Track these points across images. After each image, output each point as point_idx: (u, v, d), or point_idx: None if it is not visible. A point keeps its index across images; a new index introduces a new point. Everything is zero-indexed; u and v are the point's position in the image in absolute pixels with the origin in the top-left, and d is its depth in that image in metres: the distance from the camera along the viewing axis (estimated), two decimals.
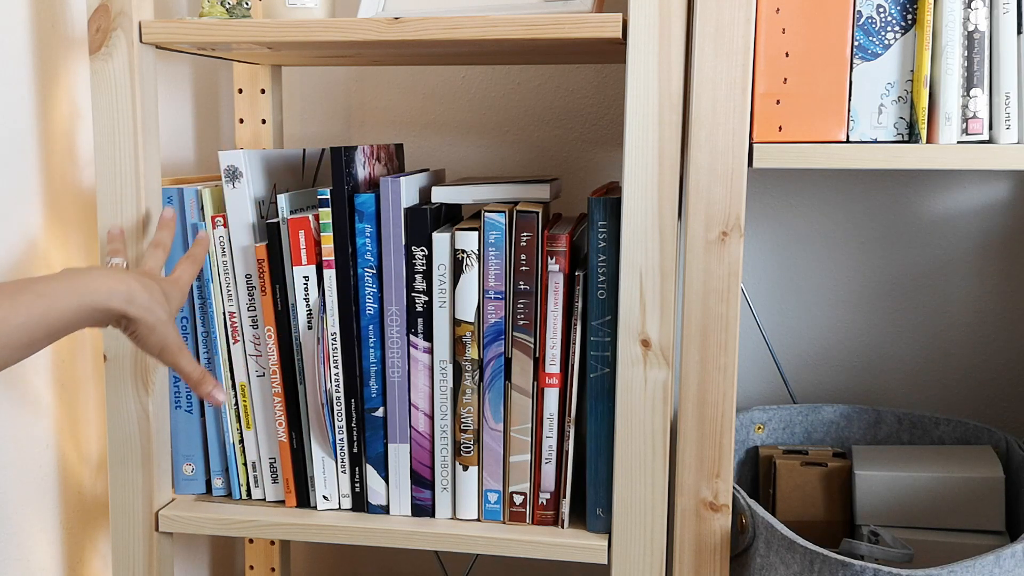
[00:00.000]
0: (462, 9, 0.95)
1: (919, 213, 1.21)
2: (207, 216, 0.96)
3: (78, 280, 0.74)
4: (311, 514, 0.97)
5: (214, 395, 0.86)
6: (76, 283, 0.74)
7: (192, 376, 0.84)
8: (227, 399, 0.85)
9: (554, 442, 0.93)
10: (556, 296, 0.91)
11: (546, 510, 0.95)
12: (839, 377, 1.25)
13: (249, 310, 0.96)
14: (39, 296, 0.71)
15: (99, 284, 0.75)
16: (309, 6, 0.94)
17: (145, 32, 0.91)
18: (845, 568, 0.81)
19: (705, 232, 0.85)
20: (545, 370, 0.92)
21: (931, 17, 0.82)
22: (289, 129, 1.32)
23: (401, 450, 0.96)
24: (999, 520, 0.97)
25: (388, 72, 1.29)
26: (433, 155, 1.30)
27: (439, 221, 0.95)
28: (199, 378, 0.85)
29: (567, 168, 1.27)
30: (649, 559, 0.91)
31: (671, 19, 0.84)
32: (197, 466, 1.01)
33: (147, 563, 0.97)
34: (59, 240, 1.03)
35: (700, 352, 0.87)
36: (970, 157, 0.82)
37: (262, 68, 1.21)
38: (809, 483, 1.03)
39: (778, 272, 1.24)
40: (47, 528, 1.02)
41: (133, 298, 0.77)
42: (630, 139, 0.86)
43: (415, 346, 0.94)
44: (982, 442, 1.05)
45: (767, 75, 0.85)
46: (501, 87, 1.27)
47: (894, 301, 1.23)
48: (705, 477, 0.88)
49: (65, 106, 1.03)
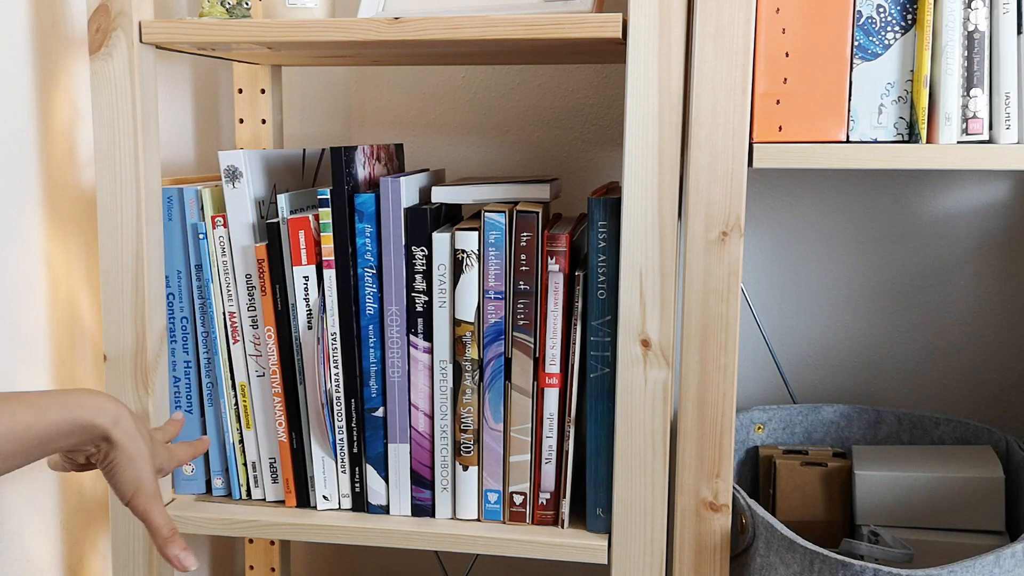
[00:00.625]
0: (462, 9, 0.95)
1: (919, 213, 1.21)
2: (207, 216, 0.96)
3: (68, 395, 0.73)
4: (311, 514, 0.97)
5: (181, 559, 0.77)
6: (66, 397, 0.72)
7: (161, 531, 0.77)
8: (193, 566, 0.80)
9: (554, 442, 0.93)
10: (556, 296, 0.91)
11: (546, 510, 0.95)
12: (839, 377, 1.25)
13: (249, 310, 0.96)
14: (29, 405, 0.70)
15: (88, 400, 0.73)
16: (309, 6, 0.94)
17: (145, 32, 0.91)
18: (845, 568, 0.81)
19: (705, 232, 0.85)
20: (545, 370, 0.92)
21: (931, 17, 0.82)
22: (289, 129, 1.32)
23: (401, 450, 0.96)
24: (999, 520, 0.97)
25: (388, 72, 1.29)
26: (433, 155, 1.30)
27: (439, 221, 0.95)
28: (168, 535, 0.77)
29: (567, 168, 1.27)
30: (649, 559, 0.91)
31: (671, 19, 0.84)
32: (197, 466, 1.01)
33: (147, 563, 0.97)
34: (59, 240, 1.03)
35: (700, 352, 0.87)
36: (970, 157, 0.82)
37: (262, 68, 1.21)
38: (809, 483, 1.03)
39: (778, 272, 1.24)
40: (47, 528, 1.02)
41: (119, 420, 0.74)
42: (630, 139, 0.86)
43: (415, 346, 0.94)
44: (982, 442, 1.05)
45: (767, 75, 0.85)
46: (501, 87, 1.27)
47: (894, 301, 1.23)
48: (705, 477, 0.88)
49: (65, 106, 1.03)
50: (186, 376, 0.99)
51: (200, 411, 1.00)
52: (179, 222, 0.97)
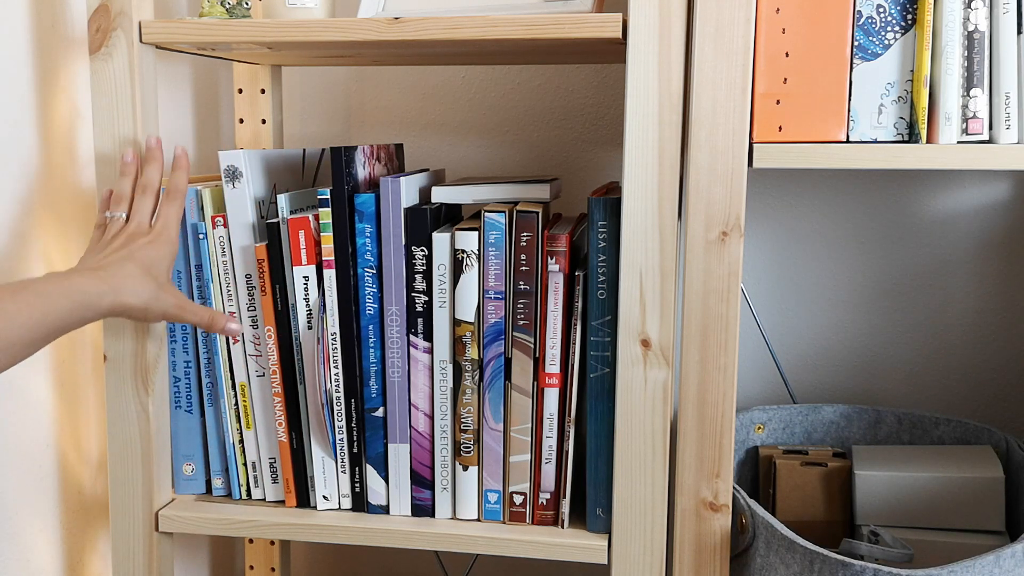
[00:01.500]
0: (462, 9, 0.95)
1: (919, 213, 1.21)
2: (207, 216, 0.96)
3: (68, 280, 0.77)
4: (311, 514, 0.97)
5: (230, 328, 0.91)
6: (67, 284, 0.77)
7: (201, 324, 0.90)
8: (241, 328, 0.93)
9: (554, 442, 0.93)
10: (556, 296, 0.91)
11: (546, 510, 0.95)
12: (839, 377, 1.25)
13: (249, 310, 0.96)
14: (38, 295, 0.73)
15: (87, 285, 0.78)
16: (309, 6, 0.94)
17: (145, 32, 0.91)
18: (845, 568, 0.81)
19: (705, 232, 0.85)
20: (545, 370, 0.92)
21: (931, 17, 0.82)
22: (289, 129, 1.32)
23: (401, 450, 0.96)
24: (999, 520, 0.97)
25: (388, 72, 1.29)
26: (433, 155, 1.30)
27: (439, 221, 0.95)
28: (209, 322, 0.90)
29: (567, 168, 1.27)
30: (649, 559, 0.91)
31: (671, 19, 0.84)
32: (197, 466, 1.01)
33: (147, 563, 0.97)
34: (59, 240, 1.03)
35: (700, 352, 0.87)
36: (970, 157, 0.82)
37: (262, 68, 1.21)
38: (809, 483, 1.03)
39: (778, 272, 1.24)
40: (47, 528, 1.02)
41: (119, 291, 0.81)
42: (630, 139, 0.86)
43: (415, 346, 0.94)
44: (982, 442, 1.05)
45: (767, 75, 0.85)
46: (501, 87, 1.27)
47: (894, 301, 1.23)
48: (705, 477, 0.88)
49: (65, 106, 1.03)
50: (186, 376, 0.99)
51: (200, 411, 1.00)
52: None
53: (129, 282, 0.82)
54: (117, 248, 0.86)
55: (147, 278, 0.84)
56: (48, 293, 0.74)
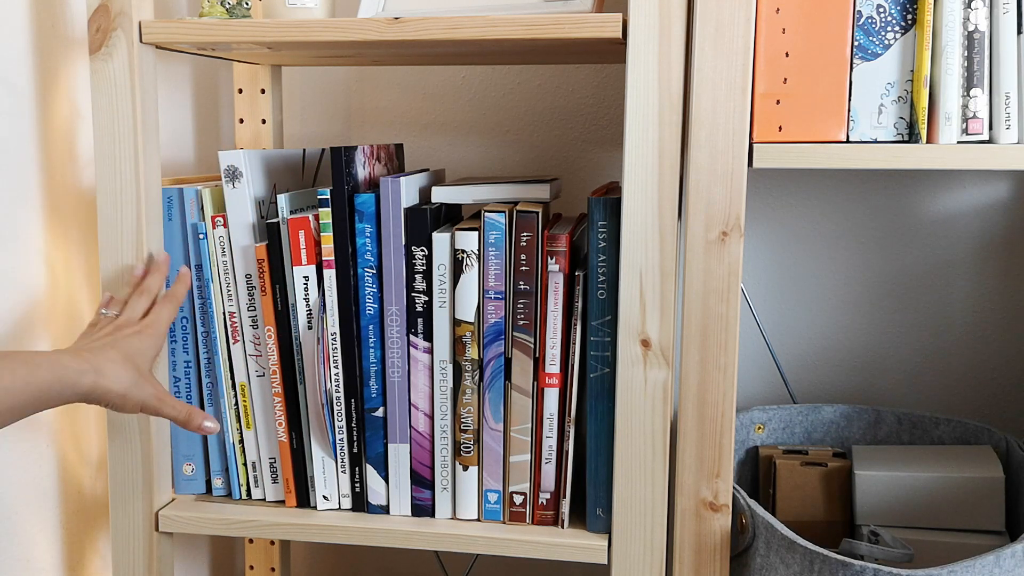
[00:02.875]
0: (462, 9, 0.95)
1: (919, 213, 1.21)
2: (207, 216, 0.96)
3: (53, 354, 0.78)
4: (311, 514, 0.97)
5: (206, 427, 0.88)
6: (52, 356, 0.77)
7: (178, 419, 0.87)
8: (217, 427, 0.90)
9: (554, 442, 0.93)
10: (556, 296, 0.91)
11: (546, 510, 0.95)
12: (839, 377, 1.25)
13: (249, 310, 0.96)
14: (23, 362, 0.75)
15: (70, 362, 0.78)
16: (309, 6, 0.94)
17: (145, 32, 0.91)
18: (845, 568, 0.81)
19: (705, 232, 0.85)
20: (545, 370, 0.92)
21: (931, 17, 0.82)
22: (289, 129, 1.32)
23: (401, 450, 0.96)
24: (999, 520, 0.97)
25: (388, 72, 1.29)
26: (433, 155, 1.30)
27: (439, 221, 0.95)
28: (186, 418, 0.87)
29: (567, 168, 1.27)
30: (649, 559, 0.91)
31: (671, 19, 0.84)
32: (197, 466, 1.01)
33: (147, 563, 0.97)
34: (59, 240, 1.03)
35: (700, 352, 0.87)
36: (970, 157, 0.82)
37: (262, 68, 1.21)
38: (809, 483, 1.03)
39: (778, 272, 1.24)
40: (47, 528, 1.02)
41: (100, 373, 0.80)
42: (630, 139, 0.86)
43: (415, 346, 0.94)
44: (982, 442, 1.05)
45: (767, 75, 0.85)
46: (501, 87, 1.27)
47: (894, 301, 1.23)
48: (705, 477, 0.88)
49: (65, 106, 1.03)
50: (186, 376, 0.99)
51: None
52: (179, 222, 0.97)
53: (110, 366, 0.81)
54: (103, 336, 0.86)
55: (128, 365, 0.83)
56: (32, 362, 0.75)
